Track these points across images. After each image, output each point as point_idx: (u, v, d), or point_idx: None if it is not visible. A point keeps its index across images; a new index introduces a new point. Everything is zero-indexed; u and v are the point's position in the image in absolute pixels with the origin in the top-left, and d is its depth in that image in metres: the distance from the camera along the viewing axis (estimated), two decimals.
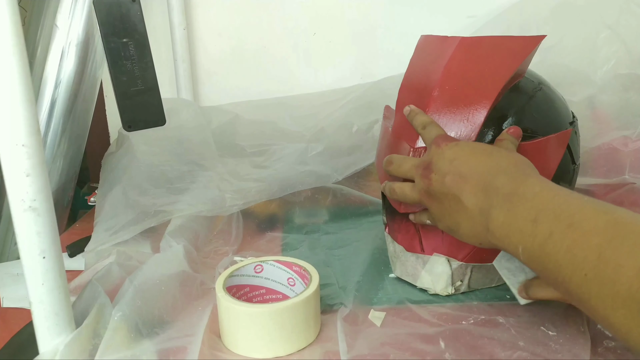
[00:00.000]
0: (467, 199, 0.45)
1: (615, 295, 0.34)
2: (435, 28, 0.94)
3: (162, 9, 0.93)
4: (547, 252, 0.39)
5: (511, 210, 0.42)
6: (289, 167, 0.77)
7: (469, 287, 0.57)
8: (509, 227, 0.42)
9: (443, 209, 0.48)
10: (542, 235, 0.39)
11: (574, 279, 0.37)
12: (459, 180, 0.46)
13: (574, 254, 0.37)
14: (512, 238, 0.42)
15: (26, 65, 0.39)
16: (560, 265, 0.38)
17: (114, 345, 0.45)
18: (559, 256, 0.38)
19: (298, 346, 0.48)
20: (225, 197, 0.71)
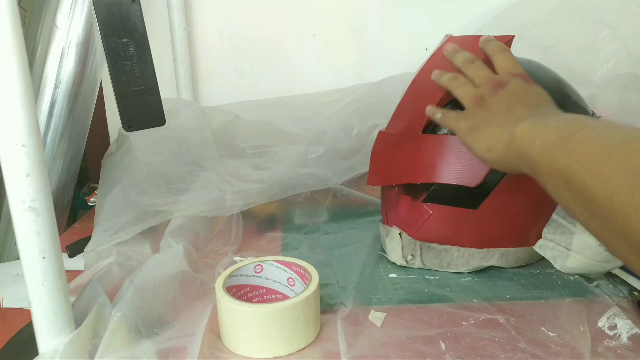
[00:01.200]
0: (511, 115, 0.48)
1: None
2: (435, 28, 0.94)
3: (162, 9, 0.93)
4: (569, 142, 0.38)
5: (540, 120, 0.45)
6: (290, 169, 0.77)
7: (423, 264, 0.62)
8: (533, 126, 0.44)
9: (481, 115, 0.51)
10: (567, 131, 0.40)
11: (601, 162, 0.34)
12: (515, 103, 0.50)
13: (600, 143, 0.36)
14: (535, 133, 0.43)
15: (26, 65, 0.39)
16: (584, 153, 0.36)
17: (113, 345, 0.45)
18: (584, 144, 0.37)
19: (298, 346, 0.48)
20: (225, 198, 0.71)
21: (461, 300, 0.55)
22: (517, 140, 0.45)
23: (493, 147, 0.48)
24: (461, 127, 0.52)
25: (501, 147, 0.47)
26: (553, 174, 0.39)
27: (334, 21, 0.98)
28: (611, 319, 0.49)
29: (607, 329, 0.49)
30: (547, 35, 0.83)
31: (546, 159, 0.40)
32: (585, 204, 0.36)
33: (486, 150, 0.49)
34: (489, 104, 0.51)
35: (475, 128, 0.51)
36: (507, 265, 0.61)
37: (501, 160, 0.48)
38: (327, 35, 0.99)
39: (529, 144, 0.43)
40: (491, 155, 0.49)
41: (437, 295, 0.56)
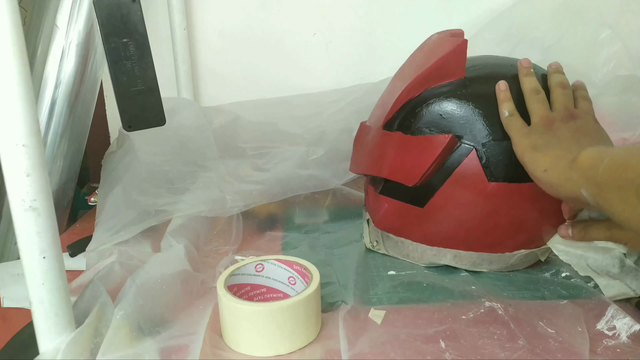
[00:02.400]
0: (576, 144, 0.51)
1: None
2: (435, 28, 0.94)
3: (162, 9, 0.93)
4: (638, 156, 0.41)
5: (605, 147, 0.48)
6: (291, 171, 0.78)
7: (387, 251, 0.65)
8: (600, 150, 0.46)
9: (546, 137, 0.53)
10: (634, 149, 0.43)
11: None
12: (582, 136, 0.53)
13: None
14: (602, 154, 0.45)
15: (26, 65, 0.39)
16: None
17: (115, 344, 0.45)
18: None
19: (299, 344, 0.48)
20: (226, 198, 0.71)
21: (460, 296, 0.55)
22: (582, 162, 0.46)
23: (551, 168, 0.50)
24: (522, 142, 0.53)
25: (560, 168, 0.49)
26: (622, 186, 0.41)
27: (335, 21, 0.98)
28: (610, 321, 0.49)
29: (606, 330, 0.49)
30: (547, 35, 0.83)
31: (614, 175, 0.42)
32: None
33: (543, 170, 0.50)
34: (556, 129, 0.54)
35: (536, 147, 0.52)
36: (467, 267, 0.61)
37: (558, 182, 0.49)
38: (327, 35, 0.99)
39: (595, 164, 0.45)
40: (547, 176, 0.50)
41: (436, 292, 0.56)
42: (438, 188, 0.58)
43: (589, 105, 0.58)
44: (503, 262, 0.60)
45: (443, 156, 0.57)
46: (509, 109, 0.56)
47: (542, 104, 0.56)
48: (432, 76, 0.59)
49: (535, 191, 0.54)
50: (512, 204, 0.57)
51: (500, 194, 0.56)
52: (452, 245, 0.60)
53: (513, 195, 0.56)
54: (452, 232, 0.60)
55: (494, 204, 0.57)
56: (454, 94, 0.58)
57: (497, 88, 0.57)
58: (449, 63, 0.59)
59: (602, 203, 0.45)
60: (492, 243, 0.59)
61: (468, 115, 0.57)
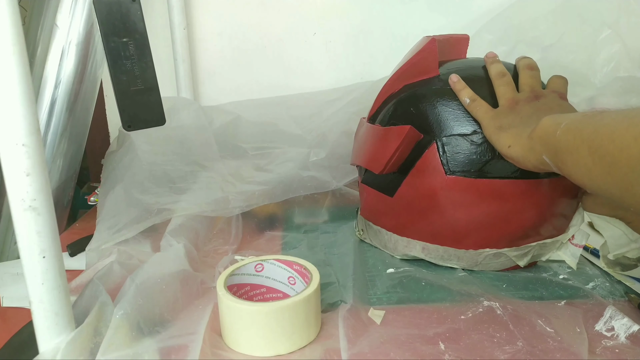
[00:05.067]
0: (537, 118, 0.51)
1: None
2: (435, 28, 0.94)
3: (162, 8, 0.93)
4: (592, 118, 0.43)
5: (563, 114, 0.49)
6: (293, 172, 0.78)
7: (370, 240, 0.67)
8: (557, 116, 0.48)
9: (510, 117, 0.55)
10: (589, 114, 0.45)
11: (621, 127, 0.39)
12: (544, 112, 0.54)
13: (618, 116, 0.41)
14: (559, 119, 0.47)
15: (26, 64, 0.39)
16: (609, 123, 0.41)
17: (115, 343, 0.45)
18: (604, 119, 0.42)
19: (299, 344, 0.48)
20: (229, 198, 0.71)
21: (458, 296, 0.55)
22: (541, 129, 0.49)
23: (514, 143, 0.52)
24: (489, 125, 0.56)
25: (522, 142, 0.51)
26: (577, 145, 0.43)
27: (334, 21, 0.98)
28: (608, 322, 0.49)
29: (605, 331, 0.49)
30: (546, 34, 0.83)
31: (570, 135, 0.45)
32: (604, 162, 0.41)
33: (507, 146, 0.53)
34: (520, 108, 0.56)
35: (501, 127, 0.55)
36: (436, 261, 0.62)
37: (522, 154, 0.51)
38: (327, 35, 0.99)
39: (553, 129, 0.47)
40: (512, 151, 0.52)
41: (435, 292, 0.56)
42: (404, 178, 0.61)
43: (561, 83, 0.60)
44: (470, 259, 0.60)
45: (404, 146, 0.59)
46: (469, 96, 0.58)
47: (507, 86, 0.58)
48: (408, 73, 0.63)
49: (493, 189, 0.56)
50: (469, 199, 0.57)
51: (457, 188, 0.57)
52: (420, 237, 0.62)
53: (469, 190, 0.57)
54: (418, 223, 0.61)
55: (452, 197, 0.58)
56: (423, 90, 0.62)
57: (449, 81, 0.60)
58: (423, 61, 0.62)
59: (561, 166, 0.47)
60: (455, 238, 0.60)
61: (432, 109, 0.60)
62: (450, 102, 0.59)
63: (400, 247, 0.63)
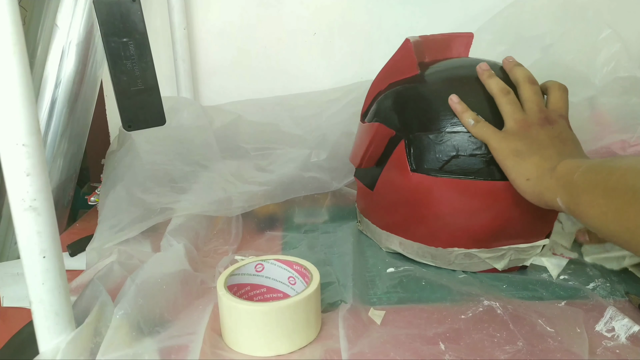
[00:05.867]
0: (556, 151, 0.52)
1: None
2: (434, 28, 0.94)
3: (162, 9, 0.93)
4: (612, 163, 0.44)
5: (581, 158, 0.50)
6: (294, 173, 0.78)
7: (366, 234, 0.69)
8: (577, 160, 0.48)
9: (526, 142, 0.53)
10: (606, 159, 0.45)
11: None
12: (560, 143, 0.54)
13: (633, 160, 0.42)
14: (579, 162, 0.47)
15: (26, 65, 0.39)
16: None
17: (115, 343, 0.45)
18: (624, 162, 0.43)
19: (299, 344, 0.48)
20: (231, 198, 0.71)
21: (458, 295, 0.55)
22: (560, 170, 0.48)
23: (533, 178, 0.51)
24: (502, 147, 0.53)
25: (541, 177, 0.50)
26: (593, 187, 0.44)
27: (334, 21, 0.98)
28: (609, 322, 0.49)
29: (605, 331, 0.49)
30: (546, 34, 0.83)
31: (588, 177, 0.45)
32: (617, 203, 0.41)
33: (525, 179, 0.51)
34: (535, 134, 0.54)
35: (519, 153, 0.52)
36: (413, 257, 0.62)
37: (540, 191, 0.50)
38: (327, 35, 0.99)
39: (572, 171, 0.47)
40: (529, 185, 0.51)
41: (435, 291, 0.56)
42: (380, 173, 0.63)
43: (563, 101, 0.58)
44: (443, 258, 0.60)
45: (375, 142, 0.61)
46: (472, 117, 0.56)
47: (514, 105, 0.56)
48: (390, 72, 0.65)
49: (454, 187, 0.57)
50: (432, 196, 0.58)
51: (420, 185, 0.59)
52: (396, 231, 0.63)
53: (432, 188, 0.58)
54: (393, 218, 0.63)
55: (416, 194, 0.59)
56: (401, 88, 0.63)
57: (450, 102, 0.58)
58: (401, 60, 0.63)
59: (574, 208, 0.46)
60: (425, 234, 0.60)
61: (404, 107, 0.61)
62: (421, 101, 0.60)
63: (383, 240, 0.65)
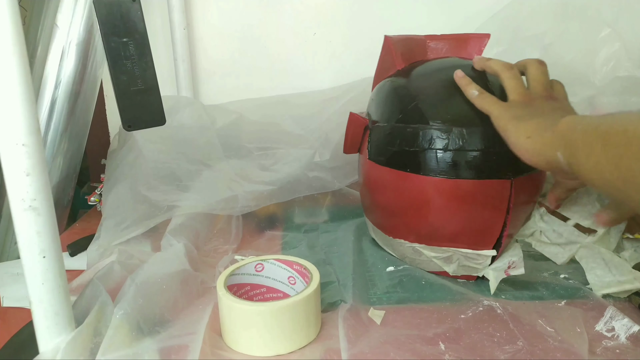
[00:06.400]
0: (558, 115, 0.50)
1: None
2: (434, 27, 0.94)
3: (162, 8, 0.93)
4: (612, 118, 0.42)
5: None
6: (299, 172, 0.78)
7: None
8: (579, 117, 0.47)
9: (528, 110, 0.53)
10: (608, 114, 0.44)
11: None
12: (562, 112, 0.52)
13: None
14: (580, 119, 0.46)
15: (26, 65, 0.39)
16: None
17: (115, 343, 0.45)
18: (624, 115, 0.41)
19: (299, 344, 0.48)
20: (238, 197, 0.71)
21: (458, 295, 0.55)
22: (562, 124, 0.47)
23: (534, 135, 0.50)
24: (504, 114, 0.53)
25: (544, 134, 0.49)
26: (592, 141, 0.43)
27: (334, 21, 0.98)
28: (608, 322, 0.49)
29: (605, 331, 0.49)
30: (546, 33, 0.83)
31: (588, 132, 0.44)
32: (613, 154, 0.41)
33: (526, 137, 0.50)
34: (538, 105, 0.53)
35: (520, 117, 0.52)
36: (385, 247, 0.64)
37: (540, 147, 0.49)
38: (327, 35, 0.99)
39: (574, 125, 0.46)
40: (529, 142, 0.50)
41: (435, 291, 0.56)
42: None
43: (563, 90, 0.58)
44: (399, 250, 0.62)
45: (351, 130, 0.64)
46: (476, 88, 0.56)
47: (518, 80, 0.56)
48: (380, 69, 0.67)
49: (393, 178, 0.58)
50: (380, 185, 0.60)
51: (372, 172, 0.61)
52: (369, 217, 0.67)
53: (379, 177, 0.60)
54: (365, 203, 0.67)
55: (371, 181, 0.62)
56: (380, 83, 0.65)
57: (455, 77, 0.58)
58: (386, 57, 0.66)
59: (573, 161, 0.46)
60: (382, 223, 0.63)
61: (374, 99, 0.64)
62: (386, 94, 0.62)
63: (370, 225, 0.67)
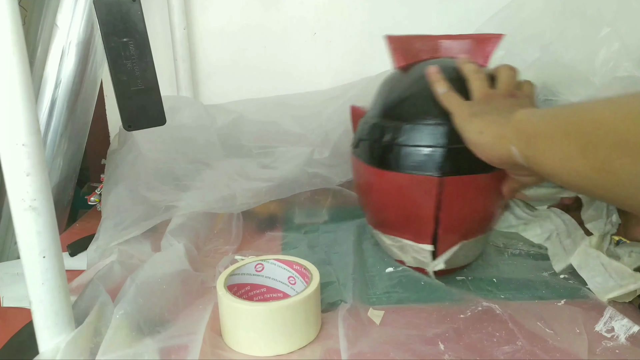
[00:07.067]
0: (512, 109, 0.51)
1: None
2: (434, 27, 0.94)
3: (162, 9, 0.93)
4: (571, 107, 0.43)
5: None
6: (298, 169, 0.78)
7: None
8: (533, 109, 0.49)
9: (483, 107, 0.54)
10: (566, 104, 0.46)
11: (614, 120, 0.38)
12: (518, 107, 0.52)
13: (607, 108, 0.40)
14: (536, 110, 0.47)
15: (26, 65, 0.39)
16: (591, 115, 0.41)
17: (115, 343, 0.45)
18: (586, 105, 0.42)
19: (299, 344, 0.48)
20: (235, 195, 0.71)
21: (458, 296, 0.55)
22: (516, 117, 0.48)
23: (486, 130, 0.51)
24: (461, 111, 0.54)
25: (495, 128, 0.50)
26: (552, 130, 0.43)
27: (334, 21, 0.98)
28: (608, 322, 0.49)
29: (605, 331, 0.49)
30: (545, 32, 0.83)
31: (546, 121, 0.45)
32: (580, 143, 0.40)
33: (479, 132, 0.51)
34: (495, 101, 0.54)
35: (475, 114, 0.53)
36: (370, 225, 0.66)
37: (492, 142, 0.50)
38: (327, 35, 0.99)
39: (528, 117, 0.47)
40: (482, 137, 0.51)
41: (434, 291, 0.56)
42: None
43: (531, 89, 0.59)
44: (375, 237, 0.64)
45: (354, 121, 0.67)
46: (443, 87, 0.57)
47: (483, 81, 0.57)
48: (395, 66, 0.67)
49: (357, 166, 0.61)
50: (354, 172, 0.65)
51: (352, 161, 0.64)
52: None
53: (353, 165, 0.64)
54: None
55: (353, 169, 0.65)
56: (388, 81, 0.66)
57: (427, 72, 0.59)
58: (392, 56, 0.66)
59: (531, 155, 0.46)
60: (365, 210, 0.66)
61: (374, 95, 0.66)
62: (378, 90, 0.64)
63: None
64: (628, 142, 0.36)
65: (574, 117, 0.42)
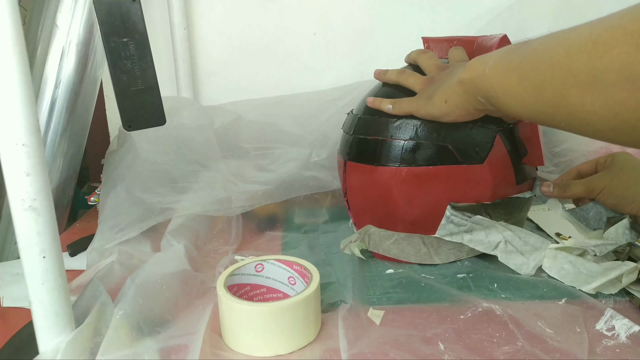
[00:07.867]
0: (457, 73, 0.54)
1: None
2: (435, 28, 0.94)
3: (162, 8, 0.93)
4: (520, 49, 0.44)
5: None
6: (295, 172, 0.78)
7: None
8: (481, 57, 0.50)
9: (432, 87, 0.57)
10: (514, 46, 0.46)
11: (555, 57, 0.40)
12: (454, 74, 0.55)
13: (549, 46, 0.42)
14: (484, 59, 0.49)
15: (26, 65, 0.39)
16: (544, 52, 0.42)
17: (115, 343, 0.45)
18: (534, 45, 0.43)
19: (299, 344, 0.48)
20: (231, 198, 0.71)
21: (457, 296, 0.55)
22: (468, 71, 0.50)
23: (449, 97, 0.54)
24: (417, 105, 0.57)
25: (454, 89, 0.53)
26: (506, 77, 0.45)
27: (334, 21, 0.98)
28: (609, 322, 0.49)
29: (605, 331, 0.49)
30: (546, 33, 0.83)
31: (499, 70, 0.46)
32: (534, 84, 0.42)
33: (444, 102, 0.54)
34: (438, 78, 0.58)
35: (429, 96, 0.56)
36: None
37: (460, 101, 0.53)
38: (327, 35, 0.99)
39: (481, 68, 0.49)
40: (449, 105, 0.54)
41: (434, 292, 0.56)
42: None
43: (459, 52, 0.62)
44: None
45: None
46: (389, 103, 0.60)
47: (414, 76, 0.60)
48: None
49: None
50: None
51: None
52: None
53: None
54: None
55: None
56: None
57: (368, 104, 0.62)
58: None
59: (494, 101, 0.48)
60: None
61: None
62: (373, 89, 0.66)
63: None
64: (576, 75, 0.38)
65: (525, 60, 0.44)
